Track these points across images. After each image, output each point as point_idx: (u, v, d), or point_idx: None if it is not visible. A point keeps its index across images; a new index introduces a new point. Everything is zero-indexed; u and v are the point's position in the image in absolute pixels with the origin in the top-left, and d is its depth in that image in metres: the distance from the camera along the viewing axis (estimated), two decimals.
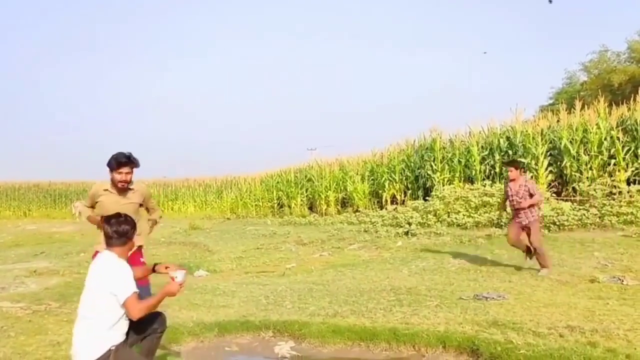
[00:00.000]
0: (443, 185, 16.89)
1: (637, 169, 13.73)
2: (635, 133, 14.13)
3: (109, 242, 3.89)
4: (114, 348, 3.67)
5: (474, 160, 17.00)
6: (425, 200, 16.51)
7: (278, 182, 27.48)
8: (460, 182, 17.20)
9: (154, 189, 34.46)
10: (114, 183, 5.15)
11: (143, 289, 4.34)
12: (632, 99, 15.57)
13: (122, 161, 5.06)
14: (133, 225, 4.03)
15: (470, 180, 17.11)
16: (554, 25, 74.51)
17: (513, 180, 8.72)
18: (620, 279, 8.11)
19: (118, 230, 3.88)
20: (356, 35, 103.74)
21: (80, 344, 3.65)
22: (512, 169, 8.78)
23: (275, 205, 26.83)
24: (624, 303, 6.86)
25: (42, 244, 19.74)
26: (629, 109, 15.45)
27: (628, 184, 13.49)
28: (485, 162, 17.02)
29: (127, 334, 3.87)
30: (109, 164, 5.10)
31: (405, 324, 6.10)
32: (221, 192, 34.53)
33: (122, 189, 5.15)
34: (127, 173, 5.11)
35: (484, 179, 16.47)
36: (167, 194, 36.97)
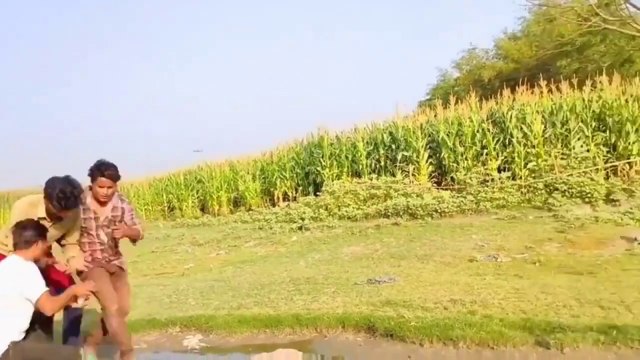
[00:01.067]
0: (332, 181, 17.49)
1: (506, 157, 15.00)
2: (503, 125, 15.41)
3: (15, 247, 4.00)
4: (11, 344, 3.82)
5: (360, 155, 17.76)
6: (316, 195, 17.06)
7: (167, 185, 27.08)
8: (348, 176, 17.89)
9: None
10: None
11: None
12: (500, 93, 16.91)
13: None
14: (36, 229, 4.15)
15: (357, 174, 17.84)
16: (427, 22, 78.18)
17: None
18: (495, 257, 9.03)
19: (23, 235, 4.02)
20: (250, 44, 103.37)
21: None
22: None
23: (166, 208, 26.45)
24: (499, 277, 7.70)
25: None
26: (496, 103, 16.81)
27: (499, 171, 14.70)
28: (371, 157, 17.81)
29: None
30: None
31: (306, 310, 6.54)
32: None
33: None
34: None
35: (370, 173, 17.24)
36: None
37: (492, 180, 14.28)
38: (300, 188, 20.12)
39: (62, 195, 4.29)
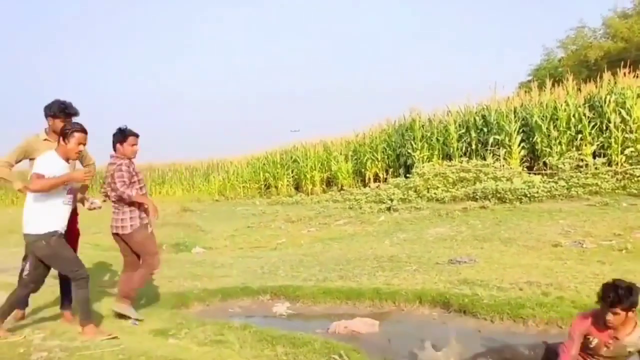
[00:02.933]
0: (423, 163, 17.69)
1: (602, 143, 14.64)
2: (600, 109, 15.02)
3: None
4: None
5: (452, 138, 17.84)
6: (406, 177, 17.34)
7: (264, 164, 28.17)
8: (439, 159, 18.03)
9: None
10: (56, 132, 4.86)
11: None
12: (608, 73, 16.37)
13: (71, 111, 5.08)
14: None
15: (448, 157, 17.94)
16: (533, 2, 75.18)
17: None
18: (580, 243, 9.03)
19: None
20: (343, 19, 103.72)
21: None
22: None
23: (263, 186, 27.54)
24: (581, 262, 7.78)
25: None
26: (596, 87, 16.35)
27: (594, 157, 14.41)
28: (463, 140, 17.86)
29: None
30: (52, 111, 5.02)
31: (387, 285, 6.97)
32: (208, 175, 35.10)
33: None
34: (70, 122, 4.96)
35: (461, 156, 17.32)
36: (154, 178, 37.46)
37: (586, 165, 14.03)
38: (391, 169, 20.45)
39: (63, 105, 5.02)
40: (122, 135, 5.28)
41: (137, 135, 5.35)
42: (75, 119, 5.03)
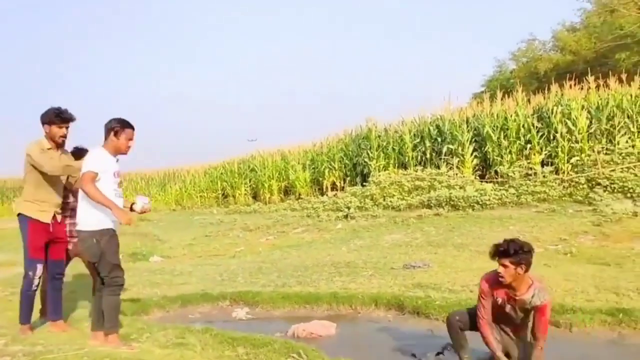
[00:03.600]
0: (379, 172, 17.97)
1: (549, 152, 15.21)
2: (548, 120, 15.60)
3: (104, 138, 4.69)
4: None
5: (407, 148, 18.19)
6: (363, 186, 17.60)
7: (222, 173, 28.10)
8: (394, 168, 18.32)
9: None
10: (54, 139, 5.04)
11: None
12: (555, 85, 16.99)
13: (66, 117, 5.04)
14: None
15: (403, 166, 18.27)
16: (487, 14, 77.16)
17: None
18: None
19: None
20: (288, 26, 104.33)
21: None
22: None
23: (220, 195, 27.46)
24: None
25: None
26: (544, 98, 16.99)
27: (542, 165, 14.92)
28: (417, 149, 18.23)
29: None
30: (48, 118, 4.99)
31: (344, 289, 7.18)
32: (164, 184, 34.83)
33: (60, 145, 5.12)
34: (67, 128, 5.09)
35: (416, 165, 17.67)
36: None
37: (535, 174, 14.53)
38: (348, 178, 20.70)
39: (58, 111, 4.98)
40: (81, 154, 5.22)
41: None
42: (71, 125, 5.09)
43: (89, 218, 4.50)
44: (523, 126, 15.86)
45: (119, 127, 4.62)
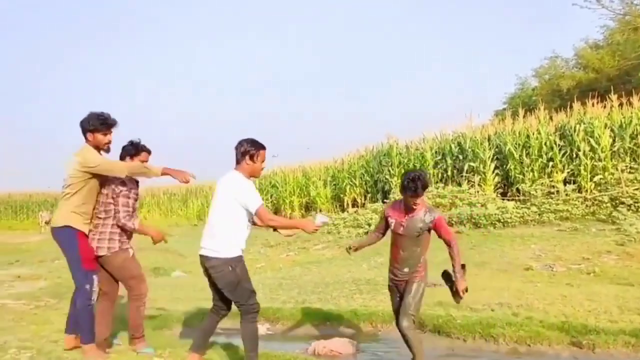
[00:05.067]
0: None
1: (572, 170, 15.12)
2: (570, 138, 15.54)
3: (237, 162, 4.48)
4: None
5: (428, 165, 18.21)
6: (384, 202, 17.63)
7: None
8: None
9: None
10: (99, 146, 4.76)
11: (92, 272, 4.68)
12: (578, 103, 16.89)
13: (111, 123, 4.77)
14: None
15: None
16: (511, 31, 76.98)
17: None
18: (550, 267, 9.38)
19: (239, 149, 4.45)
20: (325, 47, 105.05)
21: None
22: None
23: None
24: (550, 285, 8.10)
25: (11, 253, 20.11)
26: (566, 116, 16.91)
27: (564, 184, 14.85)
28: (439, 167, 18.25)
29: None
30: (92, 125, 4.67)
31: (364, 307, 7.19)
32: (186, 199, 35.16)
33: (106, 152, 4.84)
34: (111, 134, 4.80)
35: (437, 182, 17.67)
36: None
37: (557, 192, 14.44)
38: (369, 195, 20.75)
39: (102, 117, 4.68)
40: (134, 150, 4.94)
41: (150, 152, 5.02)
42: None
43: (227, 245, 4.36)
44: (545, 144, 15.79)
45: (254, 150, 4.40)
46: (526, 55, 68.43)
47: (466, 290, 5.03)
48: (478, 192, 15.93)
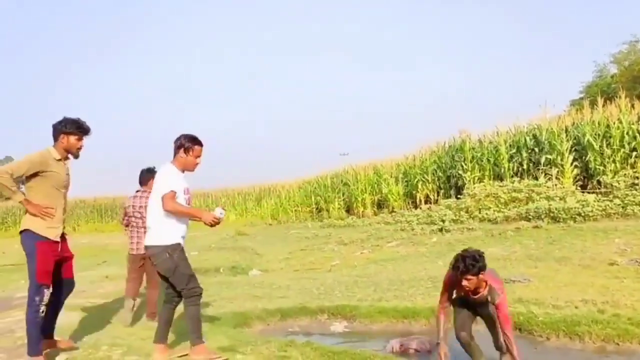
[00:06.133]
0: (474, 184, 17.71)
1: None
2: None
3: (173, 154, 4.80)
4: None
5: (502, 159, 17.82)
6: (458, 198, 17.38)
7: (315, 188, 28.59)
8: (490, 179, 17.99)
9: (194, 200, 35.99)
10: (69, 151, 4.83)
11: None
12: None
13: (87, 128, 4.87)
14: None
15: (499, 177, 17.90)
16: (584, 17, 73.99)
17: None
18: (637, 262, 8.95)
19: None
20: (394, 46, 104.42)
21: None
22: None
23: (314, 209, 27.89)
24: (638, 281, 7.74)
25: (99, 255, 21.02)
26: None
27: None
28: (514, 160, 17.81)
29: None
30: (68, 128, 4.75)
31: None
32: (260, 199, 35.80)
33: (75, 157, 4.90)
34: (83, 140, 4.88)
35: (512, 176, 17.27)
36: (207, 203, 38.42)
37: None
38: (442, 191, 20.50)
39: (79, 122, 4.80)
40: (152, 175, 5.83)
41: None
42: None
43: (162, 233, 4.62)
44: (627, 133, 15.15)
45: (189, 144, 4.73)
46: (603, 42, 65.59)
47: None
48: (556, 185, 15.44)
